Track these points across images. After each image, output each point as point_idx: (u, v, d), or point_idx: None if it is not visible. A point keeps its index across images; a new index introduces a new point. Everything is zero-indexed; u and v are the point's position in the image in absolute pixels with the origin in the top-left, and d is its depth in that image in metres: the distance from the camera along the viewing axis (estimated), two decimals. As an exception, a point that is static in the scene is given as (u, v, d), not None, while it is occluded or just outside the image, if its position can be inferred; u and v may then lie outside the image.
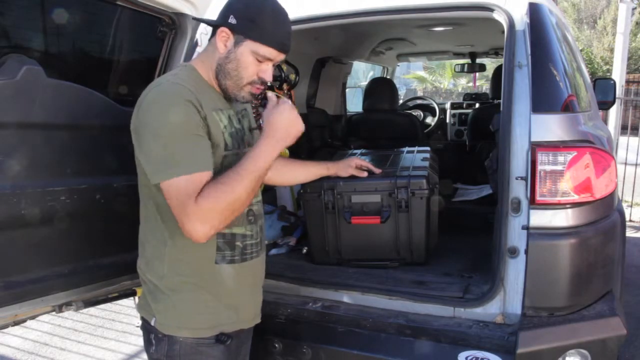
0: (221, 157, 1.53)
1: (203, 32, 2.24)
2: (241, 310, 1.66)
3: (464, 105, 5.42)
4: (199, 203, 1.37)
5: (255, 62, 1.52)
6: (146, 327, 1.63)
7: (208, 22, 1.61)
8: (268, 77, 1.55)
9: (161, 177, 1.41)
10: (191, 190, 1.38)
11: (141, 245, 1.64)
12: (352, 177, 2.31)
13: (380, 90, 4.17)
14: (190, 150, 1.42)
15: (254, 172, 1.44)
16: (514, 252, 1.87)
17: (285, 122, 1.50)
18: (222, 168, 1.53)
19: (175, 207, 1.40)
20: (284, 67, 3.33)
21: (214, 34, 1.58)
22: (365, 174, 2.31)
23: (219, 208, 1.39)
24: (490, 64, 7.79)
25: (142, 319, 1.64)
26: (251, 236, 1.64)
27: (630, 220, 6.45)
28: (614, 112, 8.40)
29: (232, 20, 1.50)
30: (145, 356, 1.66)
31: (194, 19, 2.12)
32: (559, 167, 1.80)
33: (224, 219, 1.42)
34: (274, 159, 1.49)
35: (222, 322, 1.60)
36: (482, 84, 18.51)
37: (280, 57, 1.55)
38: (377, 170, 2.34)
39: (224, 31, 1.52)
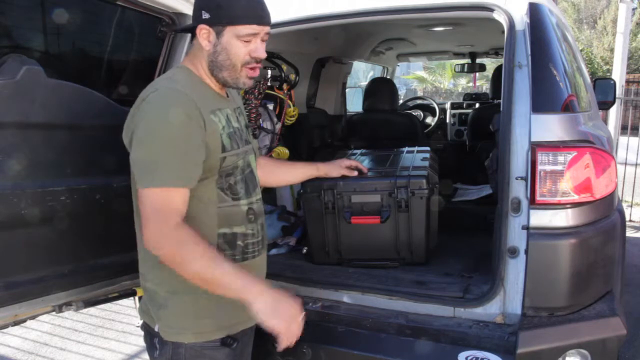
0: (219, 160, 1.52)
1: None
2: (244, 309, 1.65)
3: (464, 105, 5.42)
4: (169, 232, 1.38)
5: (242, 44, 1.51)
6: (149, 332, 1.61)
7: (185, 28, 1.60)
8: (260, 53, 1.53)
9: (140, 183, 1.42)
10: (164, 206, 1.39)
11: (139, 252, 1.61)
12: (350, 177, 2.30)
13: (380, 90, 4.17)
14: (174, 162, 1.41)
15: (219, 280, 1.40)
16: (514, 252, 1.87)
17: (290, 315, 1.45)
18: (222, 169, 1.53)
19: (144, 215, 1.41)
20: (284, 67, 3.32)
21: (193, 35, 1.57)
22: (355, 174, 2.31)
23: (174, 257, 1.40)
24: (490, 64, 7.79)
25: (145, 323, 1.63)
26: (252, 235, 1.63)
27: (630, 220, 6.45)
28: (614, 112, 8.41)
29: (204, 15, 1.50)
30: (145, 356, 1.66)
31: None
32: (559, 167, 1.80)
33: (168, 260, 1.42)
34: (245, 299, 1.43)
35: (225, 324, 1.58)
36: (482, 84, 18.50)
37: (264, 30, 1.52)
38: (365, 169, 2.35)
39: (202, 28, 1.51)
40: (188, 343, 1.53)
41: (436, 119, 5.58)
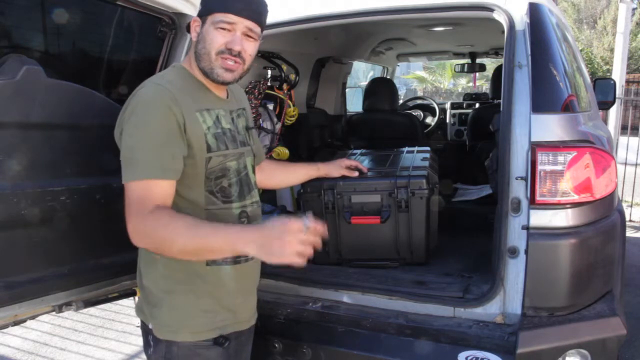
0: (204, 160, 1.52)
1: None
2: (237, 312, 1.66)
3: (464, 105, 5.42)
4: (143, 220, 1.38)
5: (219, 33, 1.50)
6: (145, 329, 1.63)
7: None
8: (235, 45, 1.51)
9: (124, 178, 1.44)
10: (142, 197, 1.41)
11: (139, 250, 1.63)
12: (350, 177, 2.31)
13: (380, 90, 4.17)
14: (153, 155, 1.43)
15: (206, 246, 1.37)
16: (514, 252, 1.86)
17: (281, 241, 1.31)
18: (209, 171, 1.53)
19: (126, 208, 1.42)
20: (284, 67, 3.32)
21: None
22: (356, 174, 2.31)
23: (156, 240, 1.39)
24: (490, 64, 7.80)
25: (141, 321, 1.65)
26: None
27: (630, 220, 6.45)
28: (614, 112, 8.41)
29: (199, 7, 1.55)
30: (145, 356, 1.67)
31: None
32: (559, 167, 1.80)
33: (153, 248, 1.43)
34: (239, 252, 1.43)
35: (218, 325, 1.59)
36: (482, 84, 18.50)
37: (243, 22, 1.50)
38: (365, 169, 2.35)
39: (195, 21, 1.55)
40: (181, 342, 1.54)
41: (436, 119, 5.59)
